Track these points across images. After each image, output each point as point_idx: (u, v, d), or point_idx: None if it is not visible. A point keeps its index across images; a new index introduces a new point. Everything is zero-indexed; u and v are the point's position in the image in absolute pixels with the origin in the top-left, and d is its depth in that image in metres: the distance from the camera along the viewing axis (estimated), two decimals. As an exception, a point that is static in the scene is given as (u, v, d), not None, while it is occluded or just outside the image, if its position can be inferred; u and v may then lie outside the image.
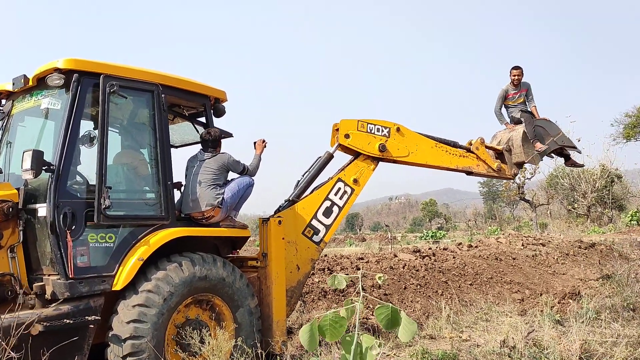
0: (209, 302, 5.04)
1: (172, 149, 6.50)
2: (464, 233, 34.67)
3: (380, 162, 6.61)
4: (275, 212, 5.99)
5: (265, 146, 5.93)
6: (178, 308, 4.74)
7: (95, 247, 4.54)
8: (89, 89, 4.71)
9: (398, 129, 6.62)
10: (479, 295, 9.14)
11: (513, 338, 4.99)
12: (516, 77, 8.16)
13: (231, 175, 5.66)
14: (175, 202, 5.33)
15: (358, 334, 2.33)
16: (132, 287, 4.58)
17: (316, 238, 6.06)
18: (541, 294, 9.64)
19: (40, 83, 4.83)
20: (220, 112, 5.76)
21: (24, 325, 3.87)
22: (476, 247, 13.89)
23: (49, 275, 4.46)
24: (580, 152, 8.87)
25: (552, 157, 8.40)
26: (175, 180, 5.55)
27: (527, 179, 29.96)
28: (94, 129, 4.94)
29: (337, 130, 6.33)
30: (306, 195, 6.19)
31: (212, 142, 5.49)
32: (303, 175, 6.33)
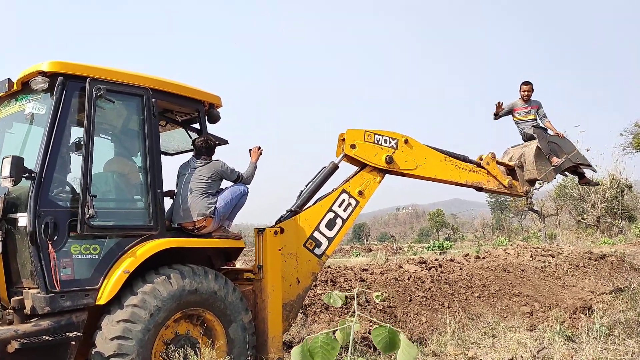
0: (200, 317, 4.78)
1: (168, 157, 6.30)
2: (471, 244, 34.27)
3: (386, 175, 6.40)
4: (277, 223, 5.78)
5: (261, 154, 5.71)
6: (166, 323, 4.49)
7: (79, 259, 4.30)
8: (74, 93, 4.51)
9: (406, 141, 6.44)
10: (486, 309, 8.86)
11: (522, 356, 4.70)
12: (526, 93, 8.01)
13: (225, 183, 5.44)
14: (166, 211, 5.11)
15: (354, 358, 2.11)
16: (117, 301, 4.33)
17: (318, 251, 5.82)
18: (551, 307, 9.36)
19: (25, 87, 4.64)
20: (214, 118, 5.54)
21: (-1, 342, 3.65)
22: (484, 258, 13.64)
23: (29, 288, 4.23)
24: (595, 171, 8.67)
25: (566, 175, 8.17)
26: (167, 188, 5.34)
27: (536, 189, 29.51)
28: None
29: (343, 140, 6.14)
30: (309, 206, 5.97)
31: (205, 149, 5.27)
32: (306, 186, 6.12)
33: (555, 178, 7.84)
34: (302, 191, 6.06)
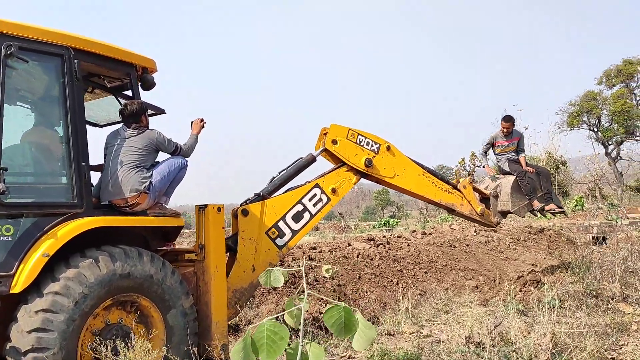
0: (135, 303, 4.30)
1: (97, 128, 5.72)
2: (416, 221, 34.84)
3: (362, 178, 6.21)
4: (242, 205, 5.43)
5: (203, 126, 5.22)
6: (95, 312, 4.00)
7: None
8: (-21, 51, 3.88)
9: (388, 148, 6.29)
10: (434, 284, 8.81)
11: (478, 333, 4.54)
12: (505, 130, 8.21)
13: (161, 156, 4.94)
14: (94, 187, 4.58)
15: (302, 344, 1.77)
16: (35, 289, 3.80)
17: (280, 241, 5.49)
18: (495, 280, 9.46)
19: None
20: (148, 84, 4.99)
21: None
22: (430, 234, 13.73)
23: None
24: (567, 216, 9.23)
25: (536, 216, 8.63)
26: (97, 162, 4.81)
27: (477, 166, 30.29)
28: None
29: (325, 134, 5.93)
30: (279, 194, 5.66)
31: (133, 116, 4.71)
32: (279, 173, 5.81)
33: (525, 216, 8.19)
34: (274, 177, 5.75)
